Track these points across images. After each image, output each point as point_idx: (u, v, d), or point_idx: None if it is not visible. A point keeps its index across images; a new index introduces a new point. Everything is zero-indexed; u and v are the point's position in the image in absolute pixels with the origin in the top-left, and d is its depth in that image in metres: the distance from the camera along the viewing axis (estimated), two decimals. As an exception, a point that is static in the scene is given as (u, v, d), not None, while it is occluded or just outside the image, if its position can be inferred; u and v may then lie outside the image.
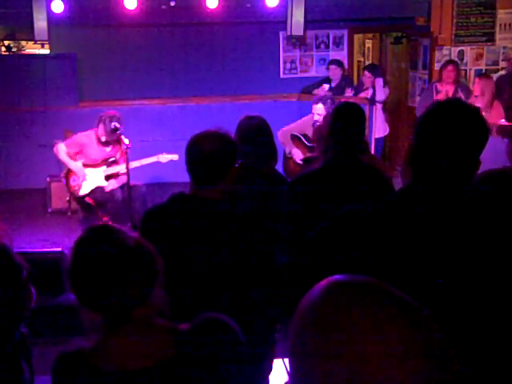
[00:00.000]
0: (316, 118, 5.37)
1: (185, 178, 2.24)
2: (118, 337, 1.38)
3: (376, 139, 7.08)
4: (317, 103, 5.40)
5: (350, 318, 0.76)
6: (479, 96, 6.07)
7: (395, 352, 0.73)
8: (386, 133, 7.47)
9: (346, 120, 2.82)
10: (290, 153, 5.56)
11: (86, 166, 5.58)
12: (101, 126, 5.37)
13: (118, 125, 5.25)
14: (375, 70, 7.51)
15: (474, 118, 1.57)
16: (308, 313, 0.81)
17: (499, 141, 4.70)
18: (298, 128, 5.62)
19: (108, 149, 5.58)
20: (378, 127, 7.16)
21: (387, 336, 0.74)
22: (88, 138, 5.55)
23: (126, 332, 1.37)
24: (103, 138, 5.43)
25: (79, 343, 1.44)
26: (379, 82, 7.18)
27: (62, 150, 5.54)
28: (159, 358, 1.35)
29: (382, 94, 7.16)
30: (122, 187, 5.51)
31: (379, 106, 7.22)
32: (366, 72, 7.39)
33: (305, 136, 5.53)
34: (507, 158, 3.66)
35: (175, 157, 5.34)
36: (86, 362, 1.36)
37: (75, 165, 5.54)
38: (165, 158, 5.47)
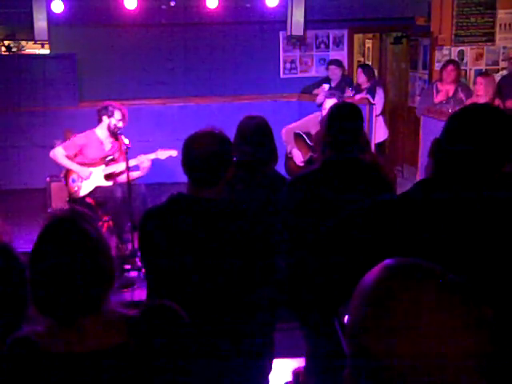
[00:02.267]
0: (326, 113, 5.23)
1: (185, 177, 2.24)
2: (68, 327, 1.41)
3: (375, 144, 6.96)
4: (330, 98, 5.25)
5: (403, 301, 0.82)
6: (482, 95, 6.03)
7: (449, 329, 0.80)
8: (386, 137, 7.39)
9: (343, 119, 2.82)
10: (290, 153, 5.54)
11: (84, 165, 5.56)
12: (117, 112, 5.34)
13: (118, 125, 5.26)
14: (369, 70, 7.46)
15: (508, 126, 1.57)
16: (364, 297, 0.86)
17: None
18: (302, 126, 5.57)
19: (108, 147, 5.57)
20: (378, 132, 7.05)
21: (440, 314, 0.81)
22: (87, 138, 5.53)
23: (76, 323, 1.41)
24: (120, 124, 5.36)
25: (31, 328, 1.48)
26: (380, 93, 7.06)
27: (59, 153, 5.51)
28: (110, 343, 1.38)
29: (379, 108, 7.04)
30: (121, 186, 5.50)
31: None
32: (361, 71, 7.24)
33: (308, 135, 5.50)
34: None
35: (174, 153, 5.33)
36: (34, 345, 1.39)
37: (78, 167, 5.52)
38: (163, 154, 5.46)
